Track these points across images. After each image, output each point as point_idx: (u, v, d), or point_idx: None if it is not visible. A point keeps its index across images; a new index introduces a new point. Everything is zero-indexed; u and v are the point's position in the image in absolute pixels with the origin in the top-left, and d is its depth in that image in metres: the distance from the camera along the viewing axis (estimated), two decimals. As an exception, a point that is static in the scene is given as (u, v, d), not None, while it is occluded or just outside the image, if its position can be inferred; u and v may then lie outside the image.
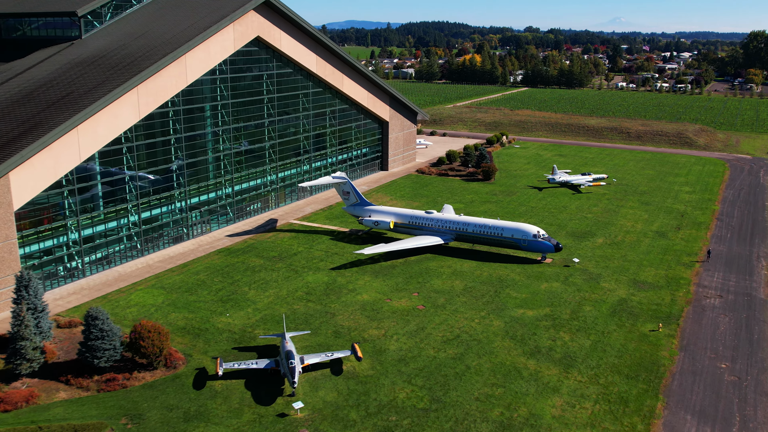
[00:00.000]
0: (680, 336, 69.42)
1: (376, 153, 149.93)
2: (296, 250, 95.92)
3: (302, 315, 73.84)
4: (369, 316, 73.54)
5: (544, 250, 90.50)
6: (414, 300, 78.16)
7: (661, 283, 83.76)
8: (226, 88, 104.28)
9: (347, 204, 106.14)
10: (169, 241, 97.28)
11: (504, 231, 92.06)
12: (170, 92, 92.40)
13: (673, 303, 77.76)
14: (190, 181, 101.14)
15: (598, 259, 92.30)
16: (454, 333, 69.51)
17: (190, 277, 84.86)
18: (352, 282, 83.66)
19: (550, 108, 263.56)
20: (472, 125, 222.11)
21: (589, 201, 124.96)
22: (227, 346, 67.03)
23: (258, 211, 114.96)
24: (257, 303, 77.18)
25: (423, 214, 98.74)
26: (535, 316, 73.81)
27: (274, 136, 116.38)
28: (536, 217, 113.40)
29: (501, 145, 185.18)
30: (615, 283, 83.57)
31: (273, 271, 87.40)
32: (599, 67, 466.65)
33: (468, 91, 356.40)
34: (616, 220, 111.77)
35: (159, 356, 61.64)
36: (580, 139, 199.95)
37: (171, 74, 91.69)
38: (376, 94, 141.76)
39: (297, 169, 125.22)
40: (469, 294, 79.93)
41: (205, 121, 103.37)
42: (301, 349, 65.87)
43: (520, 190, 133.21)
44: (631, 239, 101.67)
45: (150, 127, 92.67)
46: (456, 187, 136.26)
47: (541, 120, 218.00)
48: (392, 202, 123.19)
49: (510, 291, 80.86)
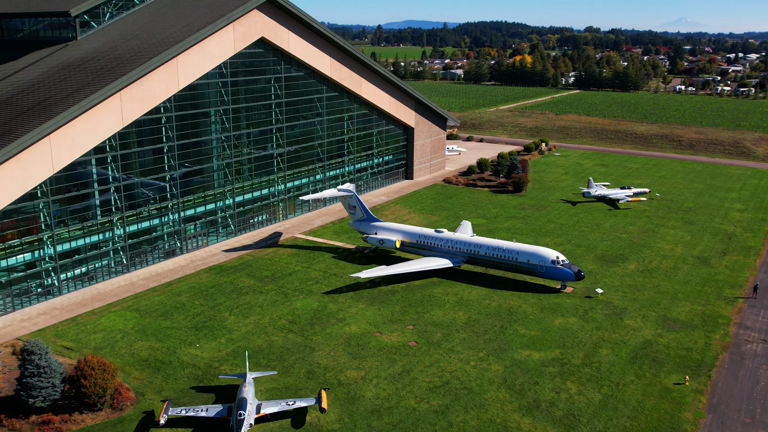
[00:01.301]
0: (710, 392, 58.73)
1: (401, 161, 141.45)
2: (293, 269, 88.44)
3: (278, 349, 66.17)
4: (352, 353, 65.30)
5: (564, 278, 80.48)
6: (407, 334, 69.52)
7: (695, 322, 72.73)
8: (227, 93, 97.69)
9: (353, 219, 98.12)
10: (159, 255, 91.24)
11: (519, 255, 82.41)
12: (159, 97, 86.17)
13: (707, 348, 66.84)
14: (187, 191, 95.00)
15: (626, 290, 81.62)
16: (443, 378, 60.60)
17: (170, 299, 78.33)
18: (344, 309, 75.59)
19: (599, 113, 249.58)
20: (512, 130, 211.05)
21: (626, 219, 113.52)
22: (187, 384, 59.89)
23: (263, 223, 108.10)
24: (233, 332, 69.93)
25: (432, 233, 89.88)
26: (541, 359, 64.19)
27: (282, 143, 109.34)
28: (564, 236, 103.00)
29: (539, 152, 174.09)
30: (641, 321, 72.99)
31: (261, 293, 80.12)
32: (657, 69, 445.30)
33: (515, 93, 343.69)
34: (654, 242, 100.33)
35: (102, 396, 54.94)
36: (627, 147, 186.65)
37: (160, 78, 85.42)
38: (400, 98, 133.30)
39: (309, 179, 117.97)
40: (471, 329, 70.78)
41: (205, 127, 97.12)
42: (265, 392, 58.17)
43: (552, 205, 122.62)
44: (668, 266, 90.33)
45: (140, 134, 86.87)
46: (482, 199, 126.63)
47: (586, 126, 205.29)
48: (409, 215, 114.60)
49: (518, 327, 71.33)
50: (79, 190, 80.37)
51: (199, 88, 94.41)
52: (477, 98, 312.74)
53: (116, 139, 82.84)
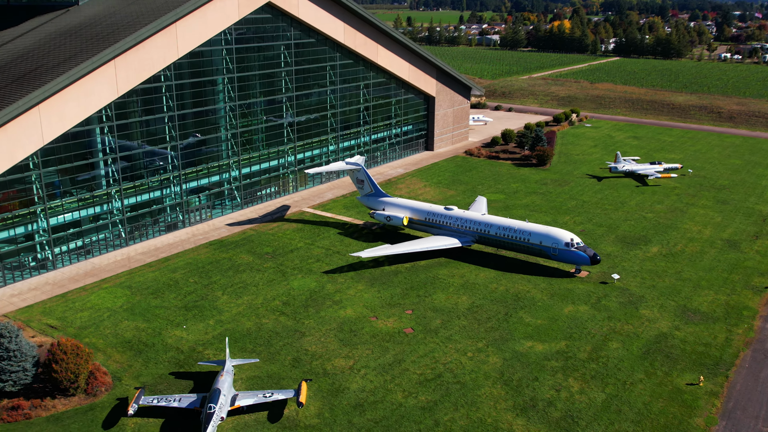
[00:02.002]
0: (726, 395, 53.77)
1: (421, 131, 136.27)
2: (295, 245, 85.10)
3: (267, 332, 63.08)
4: (343, 340, 61.85)
5: (578, 262, 75.44)
6: (404, 320, 65.73)
7: (717, 314, 67.29)
8: (232, 61, 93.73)
9: (361, 194, 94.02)
10: (161, 229, 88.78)
11: (532, 236, 77.50)
12: (157, 66, 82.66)
13: (728, 344, 61.56)
14: (191, 162, 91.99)
15: (646, 276, 76.26)
16: (436, 371, 56.79)
17: (164, 275, 75.80)
18: (341, 291, 72.05)
19: (637, 81, 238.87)
20: (543, 100, 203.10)
21: (654, 196, 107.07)
22: (167, 369, 57.28)
23: (272, 196, 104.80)
24: (223, 313, 67.06)
25: (441, 210, 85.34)
26: (544, 352, 59.81)
27: (292, 113, 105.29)
28: (585, 214, 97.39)
29: (570, 123, 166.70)
30: (658, 311, 67.82)
31: (258, 271, 77.04)
32: (703, 36, 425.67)
33: (552, 60, 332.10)
34: (681, 223, 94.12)
35: (75, 382, 52.62)
36: (663, 118, 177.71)
37: (157, 45, 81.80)
38: (420, 66, 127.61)
39: (322, 150, 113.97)
40: (473, 316, 66.61)
41: (211, 96, 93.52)
42: (246, 381, 55.21)
43: (576, 180, 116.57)
44: (693, 249, 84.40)
45: (140, 103, 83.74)
46: (503, 173, 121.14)
47: (622, 95, 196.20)
48: (424, 189, 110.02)
49: (524, 314, 66.89)
50: (73, 162, 77.84)
51: (203, 55, 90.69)
52: (511, 65, 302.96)
53: (112, 108, 79.83)
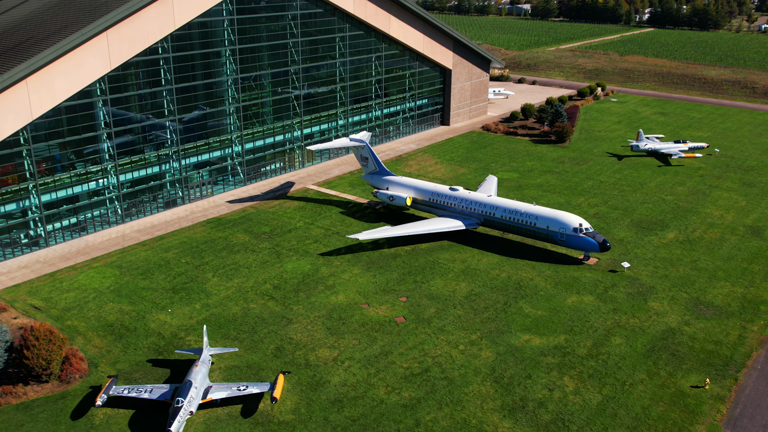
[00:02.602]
0: (734, 399, 49.97)
1: (437, 105, 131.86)
2: (294, 225, 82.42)
3: (253, 318, 60.73)
4: (330, 328, 59.21)
5: (587, 249, 71.46)
6: (397, 308, 62.79)
7: (732, 308, 63.01)
8: (233, 32, 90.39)
9: (366, 172, 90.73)
10: (159, 206, 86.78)
11: (538, 220, 73.59)
12: (152, 37, 79.78)
13: (740, 342, 57.46)
14: (192, 137, 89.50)
15: (658, 264, 72.00)
16: (424, 365, 53.90)
17: (156, 255, 73.82)
18: (336, 275, 69.30)
19: (669, 54, 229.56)
20: (569, 72, 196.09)
21: (676, 177, 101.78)
22: (145, 355, 55.35)
23: (277, 171, 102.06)
24: (211, 296, 64.86)
25: (446, 190, 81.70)
26: (541, 346, 56.47)
27: (299, 86, 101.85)
28: (601, 196, 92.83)
29: (594, 97, 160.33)
30: (668, 303, 63.78)
31: (253, 252, 74.62)
32: (744, 6, 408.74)
33: (583, 31, 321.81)
34: (702, 207, 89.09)
35: (47, 369, 50.96)
36: (693, 93, 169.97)
37: (152, 16, 78.82)
38: (436, 37, 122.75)
39: (330, 124, 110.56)
40: (470, 304, 63.37)
41: (213, 69, 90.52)
42: (224, 371, 53.00)
43: (595, 158, 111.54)
44: (713, 236, 79.65)
45: (137, 77, 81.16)
46: (519, 150, 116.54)
47: (651, 69, 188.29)
48: (435, 167, 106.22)
49: (524, 304, 63.44)
50: (65, 138, 75.86)
51: (204, 26, 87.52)
52: (540, 36, 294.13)
53: (106, 82, 77.36)
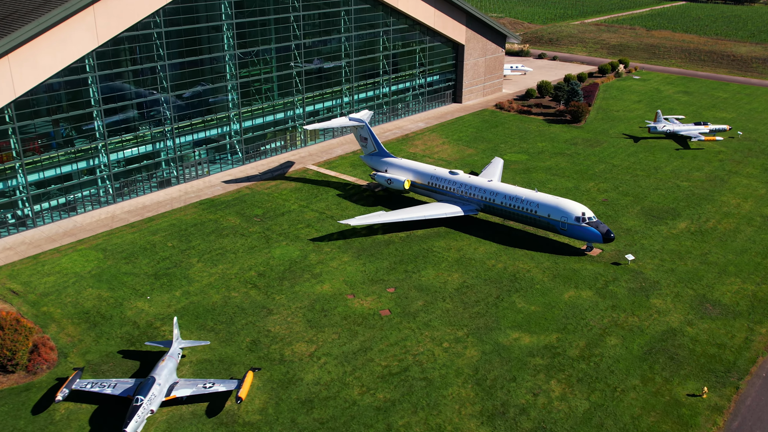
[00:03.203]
0: (733, 411, 46.50)
1: (449, 82, 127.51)
2: (288, 207, 79.79)
3: (232, 308, 58.49)
4: (311, 321, 56.73)
5: (590, 239, 67.75)
6: (383, 299, 60.02)
7: (740, 307, 59.10)
8: (230, 5, 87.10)
9: (365, 152, 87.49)
10: (153, 185, 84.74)
11: (539, 208, 69.94)
12: (142, 11, 76.90)
13: (746, 346, 53.72)
14: (184, 115, 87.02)
15: (666, 257, 68.06)
16: (403, 363, 51.20)
17: (143, 238, 71.83)
18: (324, 262, 66.66)
19: (699, 29, 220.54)
20: (592, 47, 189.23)
21: (694, 161, 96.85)
22: (117, 346, 53.48)
23: (278, 150, 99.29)
24: (193, 283, 62.72)
25: (446, 174, 78.22)
26: (530, 346, 53.36)
27: (301, 62, 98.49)
28: (612, 181, 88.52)
29: (616, 74, 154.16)
30: (671, 301, 60.04)
31: (242, 236, 72.24)
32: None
33: (612, 3, 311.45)
34: (719, 195, 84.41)
35: (11, 360, 49.33)
36: (721, 71, 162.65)
37: (142, -12, 75.96)
38: (448, 11, 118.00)
39: (335, 102, 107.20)
40: (461, 298, 60.34)
41: (211, 44, 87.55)
42: (194, 365, 50.89)
43: (610, 140, 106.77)
44: (727, 227, 75.24)
45: (131, 51, 78.63)
46: (532, 130, 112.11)
47: (678, 45, 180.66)
48: (441, 147, 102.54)
49: (518, 298, 60.22)
50: (51, 115, 73.82)
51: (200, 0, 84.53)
52: (566, 8, 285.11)
53: (94, 58, 74.91)
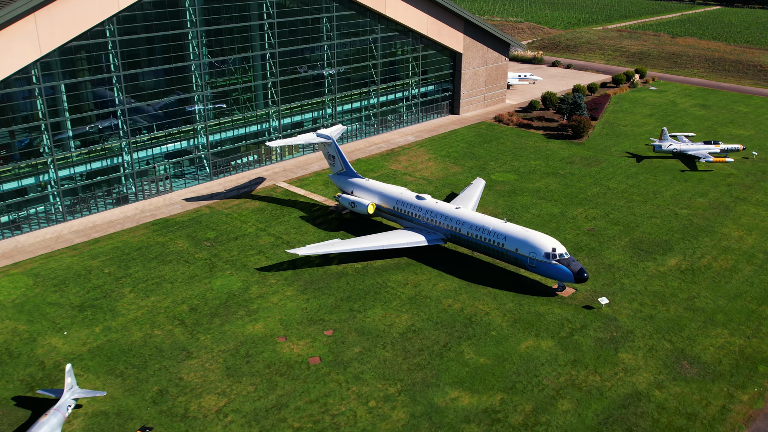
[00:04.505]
0: (691, 504, 39.41)
1: (445, 92, 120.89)
2: (245, 231, 74.31)
3: (149, 349, 53.09)
4: (230, 368, 50.99)
5: (560, 278, 60.77)
6: (317, 344, 54.00)
7: (722, 367, 51.60)
8: (195, 13, 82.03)
9: (333, 171, 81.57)
10: (110, 202, 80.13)
11: (507, 241, 63.12)
12: (92, 19, 72.24)
13: (722, 417, 46.29)
14: (148, 127, 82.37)
15: (646, 300, 60.67)
16: (319, 425, 45.04)
17: (81, 262, 66.99)
18: (265, 296, 60.93)
19: (729, 36, 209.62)
20: (611, 55, 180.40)
21: (699, 185, 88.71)
22: (14, 391, 48.45)
23: (251, 165, 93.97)
24: (117, 317, 57.55)
25: (412, 199, 71.83)
26: (468, 408, 46.79)
27: (275, 71, 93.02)
28: (603, 207, 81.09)
29: (631, 85, 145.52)
30: (644, 356, 52.81)
31: (186, 263, 66.94)
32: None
33: (642, 8, 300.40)
34: (720, 225, 76.40)
35: None
36: (745, 82, 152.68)
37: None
38: (442, 18, 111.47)
39: (315, 114, 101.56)
40: (404, 345, 53.99)
41: (174, 53, 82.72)
42: (89, 418, 45.48)
43: (610, 159, 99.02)
44: (723, 265, 67.39)
45: (81, 62, 74.16)
46: (528, 146, 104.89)
47: (702, 53, 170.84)
48: (426, 164, 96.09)
49: (468, 348, 53.62)
50: None
51: (162, 6, 79.57)
52: (592, 12, 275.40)
53: (39, 68, 70.46)
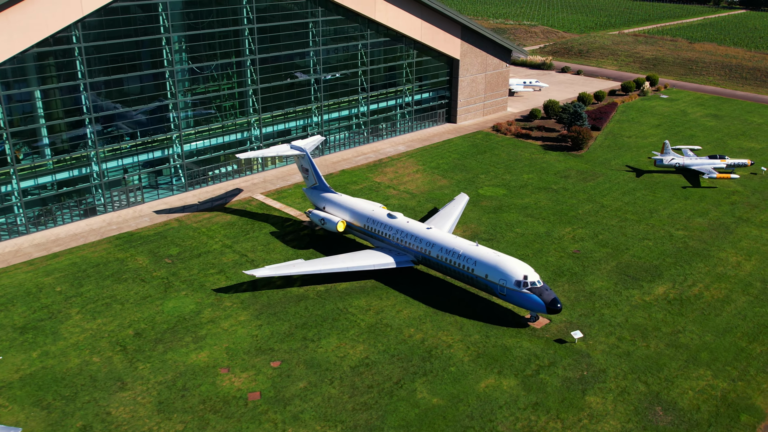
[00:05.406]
0: None
1: (442, 100, 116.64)
2: (210, 247, 70.93)
3: (83, 379, 49.78)
4: (162, 403, 47.46)
5: (531, 308, 56.30)
6: (261, 378, 50.29)
7: (700, 414, 46.78)
8: (168, 18, 78.87)
9: (307, 185, 77.89)
10: (78, 213, 77.37)
11: (477, 266, 58.79)
12: (54, 25, 69.40)
13: (690, 476, 41.69)
14: (113, 139, 79.55)
15: (626, 334, 55.95)
16: (244, 473, 41.44)
17: (34, 279, 64.12)
18: (216, 321, 57.40)
19: (751, 42, 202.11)
20: (624, 61, 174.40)
21: (700, 204, 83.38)
22: (-70, 424, 45.58)
23: (231, 175, 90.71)
24: (58, 341, 54.43)
25: (383, 217, 67.80)
26: (411, 457, 42.71)
27: (256, 78, 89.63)
28: (593, 226, 76.30)
29: (641, 93, 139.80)
30: (614, 399, 48.20)
31: (142, 282, 63.72)
32: None
33: (663, 11, 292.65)
34: (718, 249, 71.18)
35: None
36: (763, 91, 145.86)
37: (51, 1, 68.36)
38: (437, 23, 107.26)
39: (300, 122, 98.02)
40: (353, 380, 50.03)
41: (146, 59, 79.83)
42: (-4, 460, 42.43)
43: (609, 173, 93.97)
44: (716, 294, 62.31)
45: (44, 68, 71.55)
46: (524, 158, 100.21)
47: (719, 60, 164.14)
48: (413, 176, 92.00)
49: (421, 386, 49.47)
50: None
51: (133, 11, 76.64)
52: (610, 16, 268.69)
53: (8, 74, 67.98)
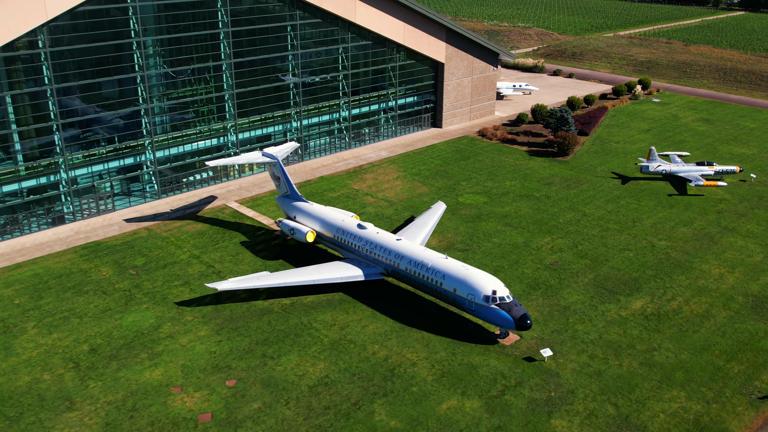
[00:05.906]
0: None
1: (427, 104, 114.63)
2: (177, 257, 68.99)
3: (31, 398, 47.85)
4: (110, 425, 45.45)
5: (500, 324, 54.24)
6: (214, 397, 48.31)
7: (668, 440, 44.81)
8: (138, 22, 77.00)
9: (279, 193, 75.95)
10: (46, 222, 75.53)
11: (445, 280, 56.77)
12: (17, 30, 67.51)
13: (654, 507, 39.63)
14: (85, 145, 77.77)
15: (598, 352, 53.89)
16: (186, 502, 39.49)
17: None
18: (175, 336, 55.46)
19: (748, 45, 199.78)
20: (617, 64, 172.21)
21: (685, 213, 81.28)
22: None
23: (206, 182, 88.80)
24: (10, 358, 52.48)
25: (353, 228, 65.81)
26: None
27: (231, 83, 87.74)
28: (573, 236, 74.23)
29: (632, 96, 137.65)
30: (581, 423, 46.11)
31: (103, 295, 61.79)
32: None
33: (661, 13, 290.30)
34: (700, 261, 69.06)
35: None
36: (757, 95, 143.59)
37: (15, 4, 66.52)
38: (420, 26, 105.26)
39: (279, 128, 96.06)
40: (310, 400, 48.02)
41: (116, 64, 77.97)
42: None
43: (594, 180, 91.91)
44: (695, 309, 60.19)
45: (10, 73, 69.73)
46: (507, 164, 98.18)
47: (714, 63, 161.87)
48: (393, 183, 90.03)
49: (380, 407, 47.48)
50: None
51: (97, 15, 74.80)
52: (609, 18, 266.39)
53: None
